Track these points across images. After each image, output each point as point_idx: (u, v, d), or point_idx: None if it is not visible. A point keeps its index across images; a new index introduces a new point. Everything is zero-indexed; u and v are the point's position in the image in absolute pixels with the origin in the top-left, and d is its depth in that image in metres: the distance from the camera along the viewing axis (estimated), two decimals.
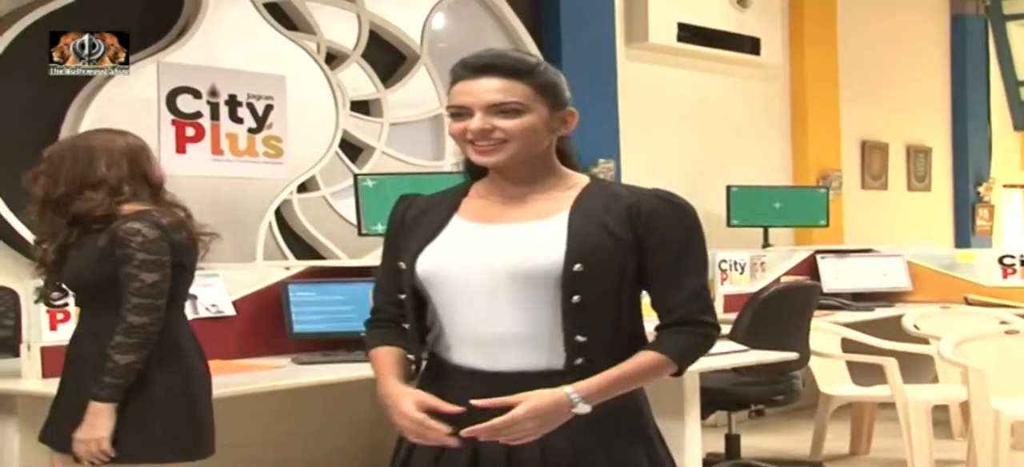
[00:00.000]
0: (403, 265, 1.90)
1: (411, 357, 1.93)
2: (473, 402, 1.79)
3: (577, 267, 1.80)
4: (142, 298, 2.60)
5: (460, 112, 1.87)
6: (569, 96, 1.93)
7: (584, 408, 1.79)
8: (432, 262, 1.88)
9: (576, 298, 1.80)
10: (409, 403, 1.84)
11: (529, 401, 1.77)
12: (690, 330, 1.87)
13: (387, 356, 1.94)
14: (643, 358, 1.85)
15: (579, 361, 1.82)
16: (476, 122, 1.85)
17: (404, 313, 1.95)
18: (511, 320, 1.83)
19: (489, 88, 1.85)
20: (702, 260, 1.90)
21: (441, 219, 1.93)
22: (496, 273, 1.83)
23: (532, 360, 1.83)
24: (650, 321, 1.91)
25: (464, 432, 1.79)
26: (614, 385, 1.83)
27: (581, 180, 1.93)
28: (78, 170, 2.71)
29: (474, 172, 1.96)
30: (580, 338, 1.81)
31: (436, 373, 1.92)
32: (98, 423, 2.59)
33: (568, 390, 1.79)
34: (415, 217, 1.96)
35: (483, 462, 1.84)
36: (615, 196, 1.88)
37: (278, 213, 5.82)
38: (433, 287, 1.88)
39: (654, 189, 1.91)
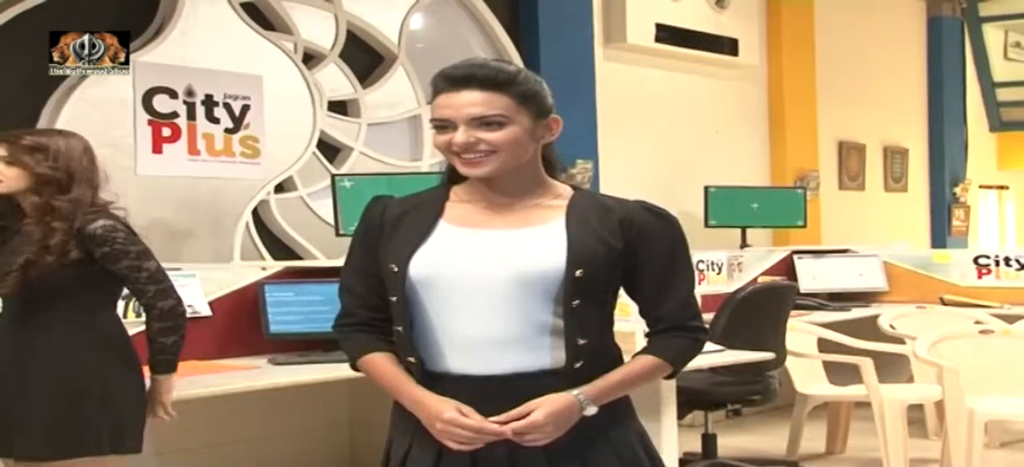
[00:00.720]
0: (395, 268, 1.89)
1: (411, 359, 1.92)
2: (493, 420, 1.82)
3: (578, 273, 1.84)
4: (157, 284, 2.77)
5: (443, 125, 1.88)
6: (552, 103, 1.94)
7: (592, 410, 1.86)
8: (426, 266, 1.88)
9: (577, 302, 1.84)
10: (452, 411, 1.83)
11: (547, 406, 1.83)
12: (683, 334, 1.95)
13: (390, 363, 1.93)
14: (642, 362, 1.94)
15: (579, 363, 1.86)
16: (460, 136, 1.85)
17: (379, 317, 1.94)
18: (509, 323, 1.85)
19: (471, 100, 1.85)
20: (690, 269, 1.98)
21: (427, 223, 1.92)
22: (496, 277, 1.85)
23: (528, 361, 1.86)
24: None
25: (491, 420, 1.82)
26: (617, 387, 1.90)
27: (565, 190, 1.96)
28: (74, 163, 2.76)
29: (454, 176, 1.96)
30: (581, 341, 1.86)
31: (426, 379, 1.91)
32: (169, 387, 2.87)
33: (577, 393, 1.85)
34: (394, 220, 1.94)
35: (482, 464, 1.86)
36: (606, 208, 1.92)
37: (255, 213, 5.81)
38: (426, 291, 1.88)
39: (640, 202, 1.95)
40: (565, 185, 1.97)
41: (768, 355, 4.43)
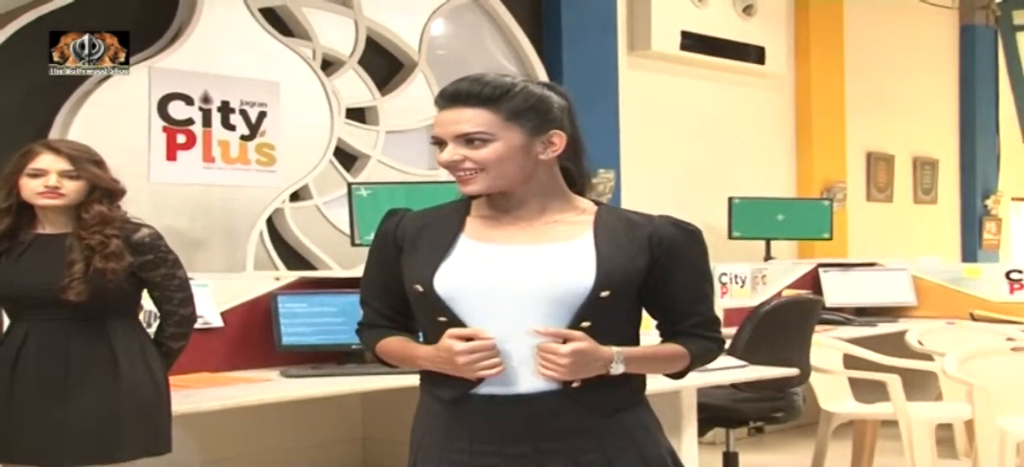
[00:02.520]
0: (419, 288, 1.88)
1: (439, 382, 1.90)
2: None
3: (604, 293, 1.84)
4: (185, 292, 2.92)
5: (439, 142, 1.89)
6: (557, 116, 1.90)
7: (618, 368, 1.85)
8: (451, 281, 1.87)
9: (585, 323, 1.83)
10: (459, 341, 1.83)
11: (581, 342, 1.82)
12: (704, 339, 1.97)
13: (404, 341, 1.95)
14: (669, 346, 1.96)
15: (576, 383, 1.85)
16: (445, 155, 1.87)
17: (400, 324, 1.97)
18: (528, 341, 1.83)
19: (456, 119, 1.86)
20: (711, 284, 2.02)
21: (448, 238, 1.91)
22: (522, 294, 1.84)
23: (542, 382, 1.84)
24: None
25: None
26: (648, 360, 1.92)
27: (588, 205, 1.95)
28: (104, 171, 2.87)
29: None
30: None
31: (449, 403, 1.90)
32: None
33: (614, 349, 1.85)
34: (414, 235, 1.94)
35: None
36: (632, 223, 1.92)
37: (270, 222, 5.81)
38: (454, 305, 1.87)
39: (668, 217, 1.96)
40: (588, 200, 1.96)
41: (792, 371, 4.38)
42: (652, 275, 1.90)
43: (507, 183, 1.88)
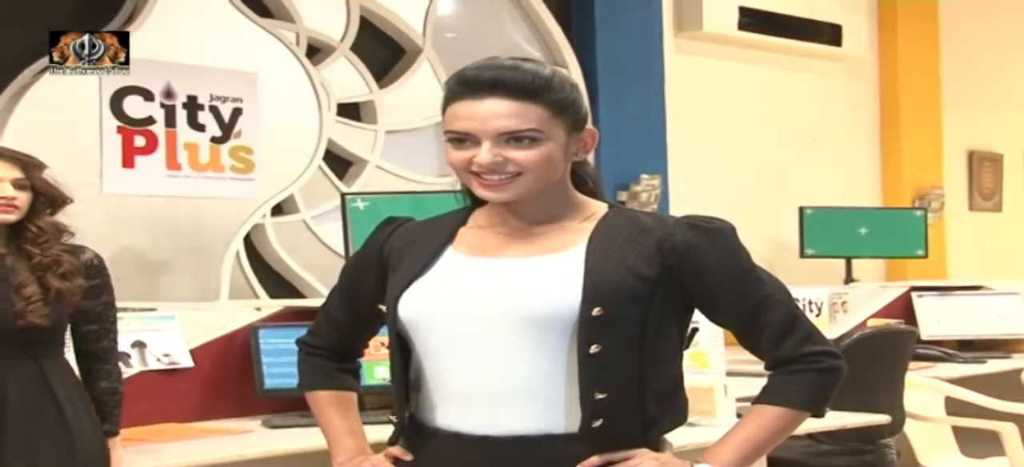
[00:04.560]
0: (385, 311, 1.95)
1: (404, 415, 1.97)
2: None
3: (595, 311, 1.83)
4: (116, 326, 2.99)
5: (462, 139, 1.87)
6: (587, 111, 1.95)
7: None
8: (418, 302, 1.91)
9: (594, 348, 1.84)
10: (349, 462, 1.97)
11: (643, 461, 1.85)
12: (803, 367, 1.90)
13: (330, 405, 2.06)
14: (764, 416, 1.91)
15: (598, 423, 1.85)
16: (485, 155, 1.85)
17: (346, 345, 2.08)
18: (513, 373, 1.86)
19: (499, 112, 1.85)
20: (767, 281, 1.93)
21: (432, 251, 1.95)
22: (498, 317, 1.86)
23: (535, 422, 1.86)
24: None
25: None
26: (746, 450, 1.88)
27: (599, 208, 1.96)
28: (52, 184, 2.92)
29: (475, 197, 1.98)
30: (599, 395, 1.84)
31: (413, 438, 1.96)
32: (121, 455, 2.98)
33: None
34: (402, 248, 1.99)
35: None
36: (641, 228, 1.91)
37: (248, 241, 5.83)
38: (417, 333, 1.92)
39: (685, 217, 1.94)
40: (601, 202, 1.98)
41: (883, 418, 4.38)
42: (683, 293, 1.89)
43: (541, 188, 1.90)
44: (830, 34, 8.02)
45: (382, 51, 6.36)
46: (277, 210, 5.93)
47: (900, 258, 7.90)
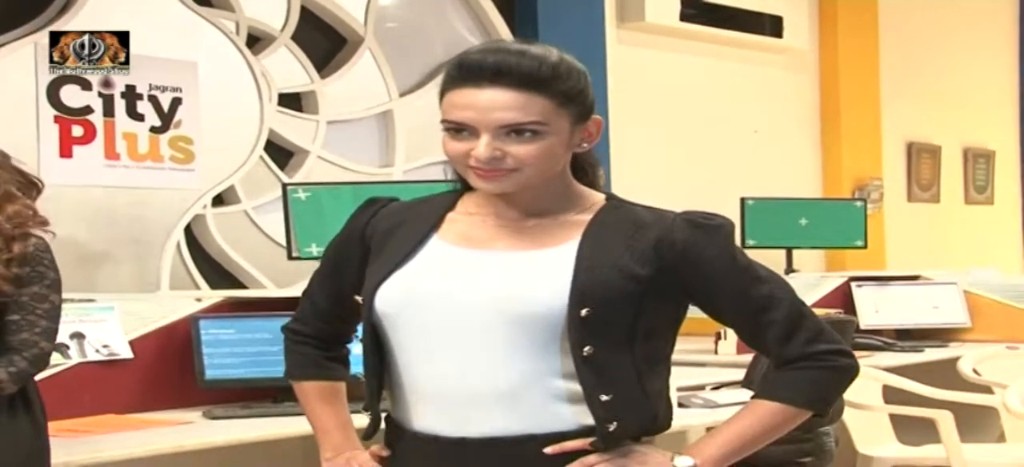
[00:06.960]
0: (361, 302, 1.89)
1: (379, 415, 1.95)
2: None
3: (584, 312, 1.78)
4: (51, 322, 2.79)
5: (461, 129, 1.80)
6: (594, 99, 1.88)
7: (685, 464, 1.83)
8: (397, 294, 1.85)
9: (587, 350, 1.79)
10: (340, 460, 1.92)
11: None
12: (811, 364, 1.87)
13: (319, 397, 2.00)
14: (760, 411, 1.87)
15: (613, 426, 1.81)
16: (483, 149, 1.78)
17: (332, 331, 2.01)
18: (497, 373, 1.80)
19: (501, 103, 1.77)
20: (769, 279, 1.90)
21: (415, 239, 1.88)
22: (483, 313, 1.81)
23: (522, 423, 1.81)
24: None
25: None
26: (735, 445, 1.87)
27: (597, 201, 1.91)
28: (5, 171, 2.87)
29: (466, 181, 1.90)
30: (604, 397, 1.80)
31: (388, 441, 1.92)
32: None
33: (671, 456, 1.83)
34: (385, 231, 1.91)
35: None
36: (639, 224, 1.86)
37: (188, 231, 5.81)
38: (394, 327, 1.86)
39: (685, 214, 1.89)
40: (599, 195, 1.92)
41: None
42: (682, 292, 1.86)
43: (540, 181, 1.83)
44: (772, 26, 8.07)
45: (323, 41, 6.35)
46: (218, 201, 5.92)
47: (840, 248, 7.96)
